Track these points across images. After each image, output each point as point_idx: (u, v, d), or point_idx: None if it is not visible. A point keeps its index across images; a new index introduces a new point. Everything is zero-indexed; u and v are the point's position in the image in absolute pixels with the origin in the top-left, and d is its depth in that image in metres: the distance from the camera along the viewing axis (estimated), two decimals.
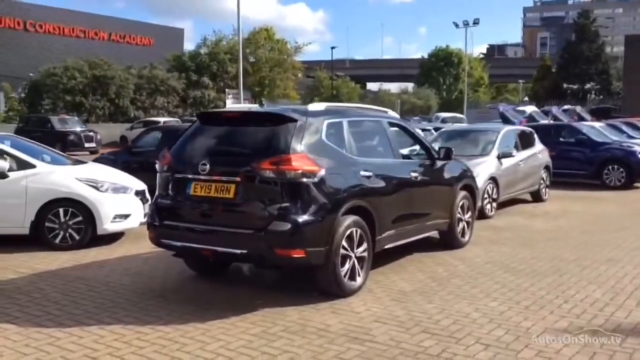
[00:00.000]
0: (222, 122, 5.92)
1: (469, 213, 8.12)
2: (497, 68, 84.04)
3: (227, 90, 41.53)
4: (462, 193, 7.92)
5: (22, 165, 7.87)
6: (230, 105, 46.29)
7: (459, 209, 7.84)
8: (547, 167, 13.02)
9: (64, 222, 7.78)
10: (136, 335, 4.63)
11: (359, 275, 5.80)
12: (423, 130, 15.02)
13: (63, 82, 34.86)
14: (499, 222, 10.20)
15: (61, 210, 7.79)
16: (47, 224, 7.76)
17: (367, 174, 5.96)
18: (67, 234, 7.80)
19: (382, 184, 6.18)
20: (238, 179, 5.31)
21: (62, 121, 29.76)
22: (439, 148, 7.56)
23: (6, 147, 7.99)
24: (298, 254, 5.19)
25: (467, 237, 8.10)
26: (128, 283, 6.16)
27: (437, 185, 7.43)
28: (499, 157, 11.17)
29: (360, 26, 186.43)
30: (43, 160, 8.67)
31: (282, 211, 5.17)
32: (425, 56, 79.74)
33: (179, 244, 5.60)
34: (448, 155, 7.46)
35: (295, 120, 5.51)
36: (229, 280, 6.38)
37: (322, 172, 5.39)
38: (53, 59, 39.51)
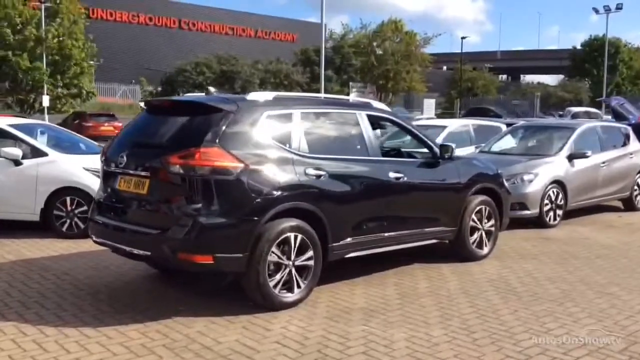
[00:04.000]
0: (157, 112, 5.51)
1: (491, 221, 7.05)
2: None
3: (351, 83, 41.51)
4: (480, 198, 6.88)
5: (36, 153, 8.06)
6: (353, 98, 46.30)
7: (474, 216, 6.82)
8: None
9: (70, 211, 7.87)
10: (14, 337, 4.39)
11: (298, 286, 5.15)
12: (508, 125, 13.56)
13: (193, 77, 36.71)
14: (557, 232, 8.86)
15: (68, 199, 7.89)
16: (55, 212, 7.90)
17: (317, 173, 5.27)
18: (73, 223, 7.88)
19: (339, 185, 5.45)
20: (149, 173, 4.90)
21: None
22: (440, 146, 6.58)
23: (21, 134, 8.20)
24: (204, 259, 4.68)
25: (486, 249, 7.04)
26: (82, 277, 6.00)
27: (436, 188, 6.50)
28: (570, 158, 9.70)
29: (522, 15, 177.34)
30: (78, 149, 8.94)
31: (189, 211, 4.69)
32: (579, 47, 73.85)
33: (104, 241, 5.30)
34: (447, 153, 6.47)
35: (220, 111, 4.98)
36: (184, 281, 5.97)
37: (244, 169, 4.81)
38: (203, 55, 41.67)
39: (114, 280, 5.95)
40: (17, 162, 7.91)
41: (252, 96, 5.39)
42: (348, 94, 42.87)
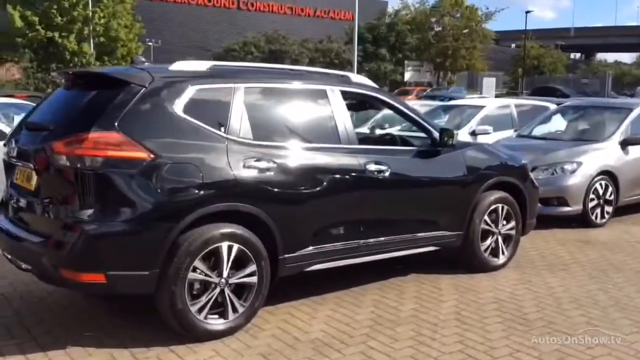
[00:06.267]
0: (69, 87, 4.40)
1: (510, 223, 5.72)
2: None
3: (406, 62, 39.79)
4: (495, 195, 5.57)
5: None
6: (408, 78, 44.62)
7: (486, 218, 5.52)
8: None
9: None
10: None
11: (234, 311, 4.04)
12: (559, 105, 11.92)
13: (240, 57, 36.00)
14: (603, 234, 7.40)
15: None
16: None
17: (262, 165, 4.14)
18: None
19: (295, 180, 4.30)
20: (36, 165, 3.88)
21: None
22: (440, 130, 5.28)
23: None
24: (93, 278, 3.64)
25: (502, 258, 5.72)
26: (4, 284, 5.10)
27: (433, 183, 5.23)
28: (624, 144, 8.15)
29: None
30: None
31: (75, 215, 3.64)
32: None
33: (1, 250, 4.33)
34: (449, 139, 5.18)
35: (127, 84, 3.89)
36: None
37: (152, 161, 3.72)
38: (252, 34, 40.59)
39: (35, 290, 5.00)
40: None
41: (177, 66, 4.27)
42: (402, 74, 41.16)
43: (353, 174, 4.61)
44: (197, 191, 3.85)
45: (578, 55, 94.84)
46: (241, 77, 4.38)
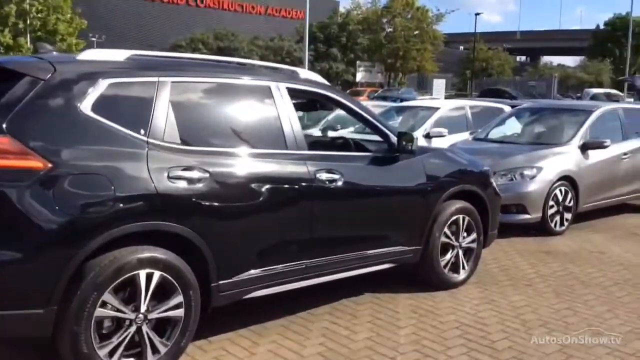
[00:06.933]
0: None
1: (472, 235, 5.23)
2: None
3: (357, 62, 39.43)
4: (456, 204, 5.06)
5: None
6: (360, 78, 44.44)
7: (446, 230, 5.00)
8: None
9: None
10: None
11: (154, 352, 3.37)
12: (513, 107, 11.61)
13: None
14: (563, 243, 7.01)
15: None
16: None
17: (192, 175, 3.49)
18: None
19: (232, 192, 3.67)
20: None
21: None
22: (399, 134, 4.72)
23: None
24: None
25: (463, 273, 5.23)
26: None
27: (390, 192, 4.68)
28: (584, 148, 7.81)
29: None
30: None
31: None
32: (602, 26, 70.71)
33: None
34: (408, 144, 4.63)
35: (22, 76, 3.18)
36: None
37: (49, 172, 3.03)
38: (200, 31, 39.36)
39: None
40: None
41: (87, 55, 3.57)
42: (354, 75, 40.85)
43: (301, 184, 4.00)
44: (106, 208, 3.17)
45: (524, 58, 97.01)
46: (167, 70, 3.70)
